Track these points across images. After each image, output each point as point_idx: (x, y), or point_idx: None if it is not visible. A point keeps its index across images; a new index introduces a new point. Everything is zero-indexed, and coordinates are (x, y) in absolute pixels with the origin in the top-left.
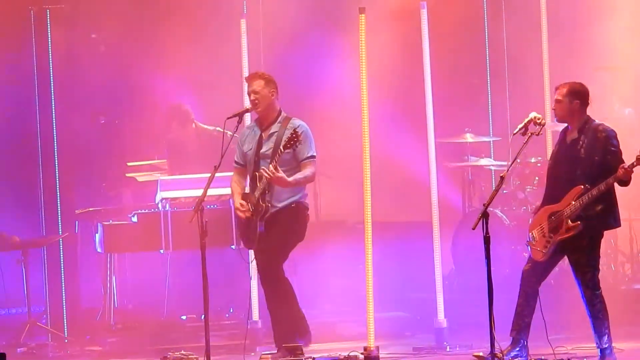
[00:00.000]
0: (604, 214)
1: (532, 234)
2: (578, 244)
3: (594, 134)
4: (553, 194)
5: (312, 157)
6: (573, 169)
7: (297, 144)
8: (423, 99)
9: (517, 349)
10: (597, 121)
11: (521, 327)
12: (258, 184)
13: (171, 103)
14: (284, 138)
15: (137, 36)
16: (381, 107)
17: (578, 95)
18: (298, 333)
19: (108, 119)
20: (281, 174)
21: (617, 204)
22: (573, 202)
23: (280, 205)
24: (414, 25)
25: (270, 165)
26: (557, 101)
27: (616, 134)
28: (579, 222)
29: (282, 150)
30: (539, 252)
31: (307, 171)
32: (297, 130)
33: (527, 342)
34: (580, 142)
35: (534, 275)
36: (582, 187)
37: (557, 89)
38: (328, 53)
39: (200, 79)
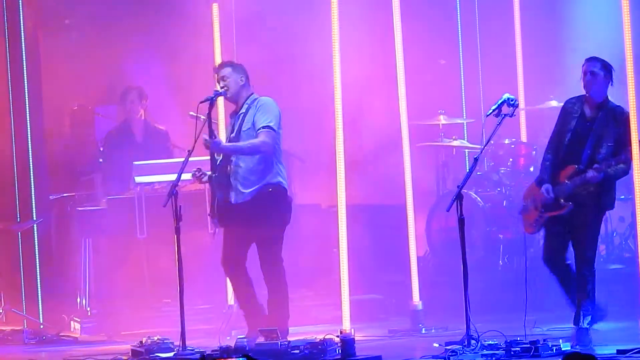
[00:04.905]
0: (598, 196)
1: (526, 203)
2: (582, 222)
3: (614, 114)
4: (559, 168)
5: (268, 127)
6: (589, 145)
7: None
8: (396, 81)
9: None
10: (613, 102)
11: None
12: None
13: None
14: (248, 116)
15: (109, 22)
16: (354, 89)
17: (610, 72)
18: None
19: (81, 105)
20: (217, 139)
21: (614, 186)
22: (566, 182)
23: (247, 190)
24: (387, 7)
25: (206, 134)
26: (593, 73)
27: None
28: (570, 203)
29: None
30: (530, 225)
31: (255, 140)
32: (251, 109)
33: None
34: (601, 121)
35: (557, 261)
36: (575, 167)
37: (588, 61)
38: (300, 36)
39: (172, 64)
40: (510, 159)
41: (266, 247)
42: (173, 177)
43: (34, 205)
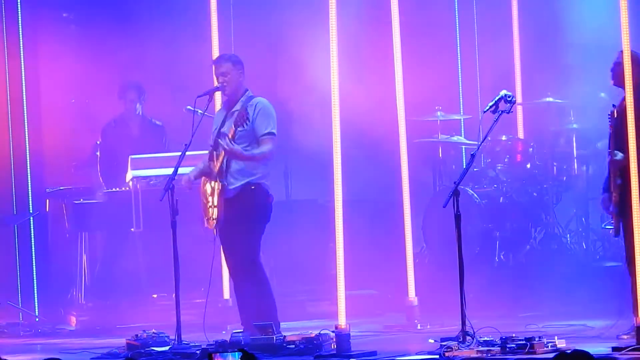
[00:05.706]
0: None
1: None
2: (627, 211)
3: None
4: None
5: (271, 133)
6: (613, 141)
7: (247, 122)
8: (393, 76)
9: None
10: None
11: None
12: (215, 162)
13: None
14: (242, 114)
15: (107, 15)
16: (351, 85)
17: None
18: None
19: (78, 98)
20: (236, 147)
21: None
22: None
23: (236, 184)
24: (385, 2)
25: (227, 138)
26: (617, 64)
27: None
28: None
29: (234, 128)
30: (615, 230)
31: (263, 147)
32: (248, 109)
33: None
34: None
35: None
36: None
37: (619, 53)
38: (298, 30)
39: (171, 58)
40: (507, 156)
41: (245, 243)
42: (170, 170)
43: (30, 198)
